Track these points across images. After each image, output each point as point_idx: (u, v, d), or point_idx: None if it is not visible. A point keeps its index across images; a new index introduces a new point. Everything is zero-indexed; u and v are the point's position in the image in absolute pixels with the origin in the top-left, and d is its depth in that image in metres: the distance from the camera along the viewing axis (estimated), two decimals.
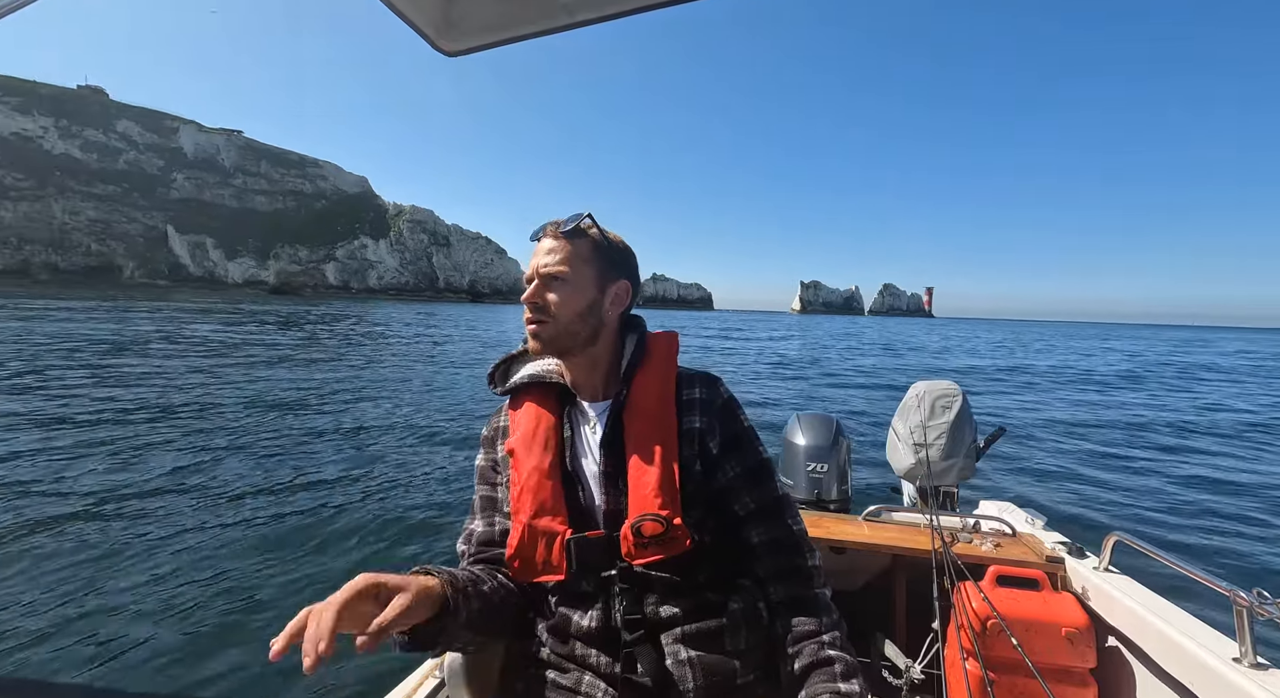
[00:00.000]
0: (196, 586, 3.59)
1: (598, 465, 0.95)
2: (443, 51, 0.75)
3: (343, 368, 14.70)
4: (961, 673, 1.45)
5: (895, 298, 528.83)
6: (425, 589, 0.76)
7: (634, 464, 0.92)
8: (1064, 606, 1.54)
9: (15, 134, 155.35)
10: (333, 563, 3.99)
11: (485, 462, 1.04)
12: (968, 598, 1.55)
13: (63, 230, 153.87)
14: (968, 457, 2.27)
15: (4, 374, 11.05)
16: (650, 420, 0.95)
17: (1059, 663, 1.47)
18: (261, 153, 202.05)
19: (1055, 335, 75.28)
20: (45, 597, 3.45)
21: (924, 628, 1.67)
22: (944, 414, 2.31)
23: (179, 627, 3.09)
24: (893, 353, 29.30)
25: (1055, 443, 8.85)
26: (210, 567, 3.86)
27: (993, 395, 13.78)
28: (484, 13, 0.70)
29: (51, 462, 5.85)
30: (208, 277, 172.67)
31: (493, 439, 1.05)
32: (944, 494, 2.34)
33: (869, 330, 69.78)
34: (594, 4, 0.65)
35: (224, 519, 4.61)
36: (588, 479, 0.96)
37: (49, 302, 48.46)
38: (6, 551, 3.94)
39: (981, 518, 2.02)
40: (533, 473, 0.94)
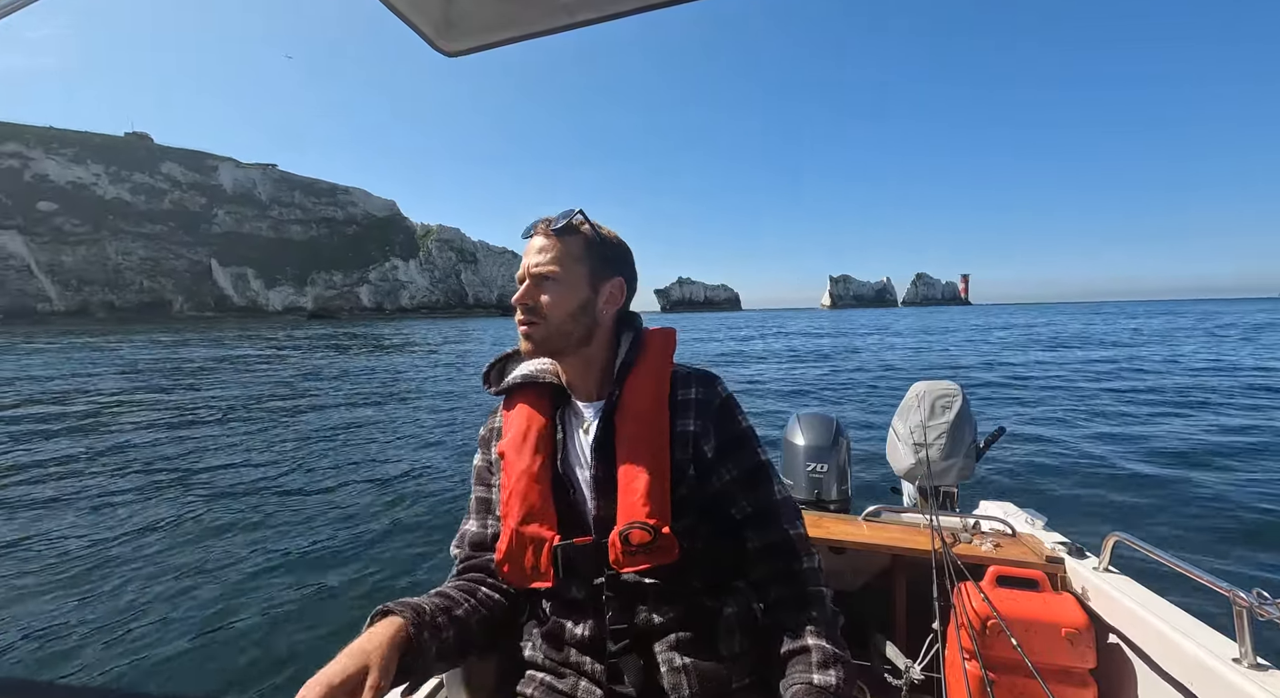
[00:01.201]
0: (219, 583, 3.76)
1: (589, 469, 0.93)
2: (442, 52, 0.75)
3: (375, 382, 15.18)
4: (961, 673, 1.45)
5: (929, 287, 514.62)
6: (390, 644, 0.74)
7: (624, 469, 0.90)
8: (1064, 606, 1.54)
9: (71, 182, 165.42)
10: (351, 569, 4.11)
11: (481, 462, 1.03)
12: (968, 598, 1.55)
13: (117, 270, 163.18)
14: (968, 457, 2.26)
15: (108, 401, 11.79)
16: (642, 422, 0.92)
17: (1059, 663, 1.46)
18: (295, 183, 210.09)
19: (1148, 315, 70.39)
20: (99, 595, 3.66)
21: (924, 628, 1.67)
22: (944, 414, 2.30)
23: (192, 628, 3.20)
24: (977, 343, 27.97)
25: (1055, 443, 8.69)
26: (228, 561, 4.05)
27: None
28: (484, 13, 0.70)
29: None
30: (250, 306, 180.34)
31: (488, 440, 1.04)
32: (944, 494, 2.33)
33: (902, 322, 68.20)
34: (594, 4, 0.65)
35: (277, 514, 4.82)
36: (579, 483, 0.94)
37: (120, 336, 51.38)
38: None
39: (981, 518, 2.02)
40: (521, 476, 0.92)
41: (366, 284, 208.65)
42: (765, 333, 46.29)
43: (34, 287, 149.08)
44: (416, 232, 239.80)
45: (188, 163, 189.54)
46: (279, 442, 8.97)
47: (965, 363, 19.69)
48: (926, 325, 56.42)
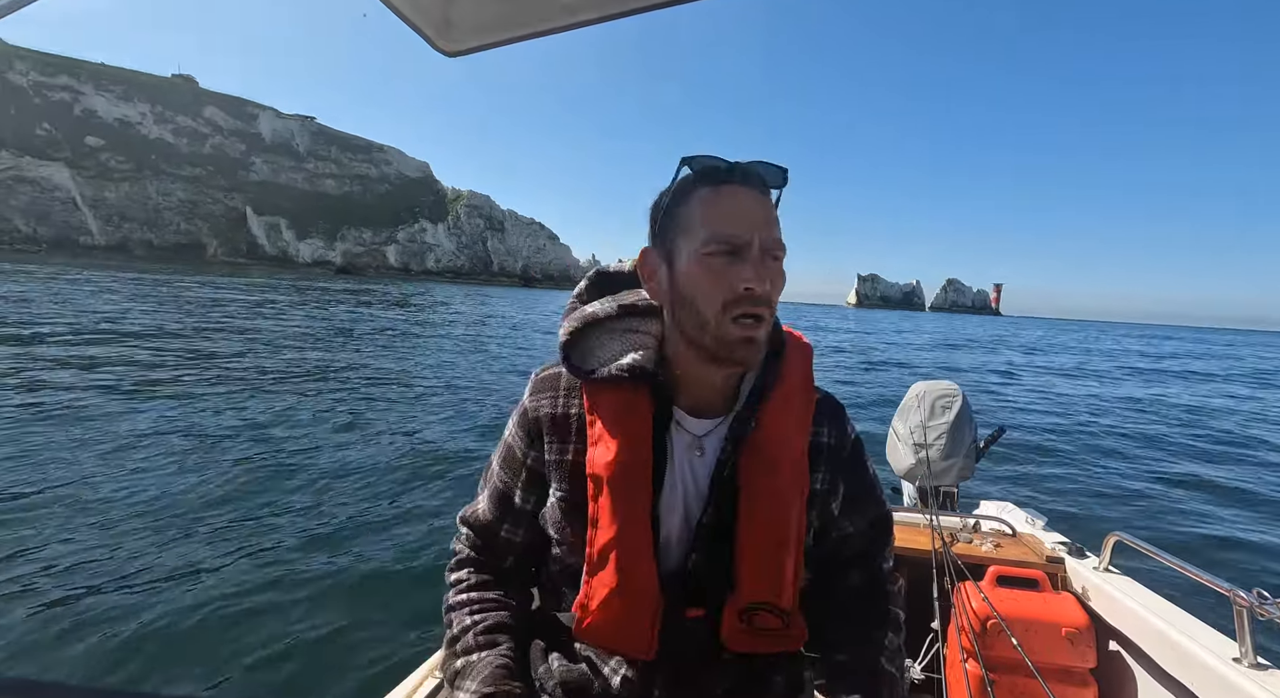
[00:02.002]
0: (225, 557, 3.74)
1: (696, 509, 0.74)
2: (442, 52, 0.74)
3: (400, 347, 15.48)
4: (961, 673, 1.44)
5: (959, 294, 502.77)
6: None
7: (752, 524, 0.73)
8: (1064, 606, 1.53)
9: (118, 120, 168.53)
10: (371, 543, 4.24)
11: (522, 448, 0.81)
12: (968, 598, 1.54)
13: (156, 210, 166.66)
14: (967, 457, 2.27)
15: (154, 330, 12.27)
16: (782, 466, 0.74)
17: (1059, 663, 1.45)
18: (332, 138, 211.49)
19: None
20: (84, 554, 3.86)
21: (924, 628, 1.65)
22: (944, 414, 2.30)
23: (194, 618, 3.11)
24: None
25: (1056, 442, 8.63)
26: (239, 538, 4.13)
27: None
28: (484, 13, 0.69)
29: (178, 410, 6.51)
30: (280, 256, 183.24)
31: (548, 425, 0.78)
32: (944, 494, 2.34)
33: (931, 327, 67.08)
34: (595, 4, 0.64)
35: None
36: (674, 523, 0.75)
37: (160, 276, 52.93)
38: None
39: (981, 518, 2.02)
40: (626, 520, 0.71)
41: (394, 244, 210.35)
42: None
43: (77, 219, 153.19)
44: (447, 195, 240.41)
45: (229, 108, 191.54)
46: (291, 398, 9.23)
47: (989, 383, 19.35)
48: (949, 334, 55.26)
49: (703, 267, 0.68)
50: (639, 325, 0.76)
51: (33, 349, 10.51)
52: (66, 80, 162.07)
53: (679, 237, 0.70)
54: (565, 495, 0.75)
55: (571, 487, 0.75)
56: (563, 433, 0.76)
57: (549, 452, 0.77)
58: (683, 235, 0.69)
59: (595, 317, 0.77)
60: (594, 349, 0.76)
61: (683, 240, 0.69)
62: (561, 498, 0.76)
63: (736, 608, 0.73)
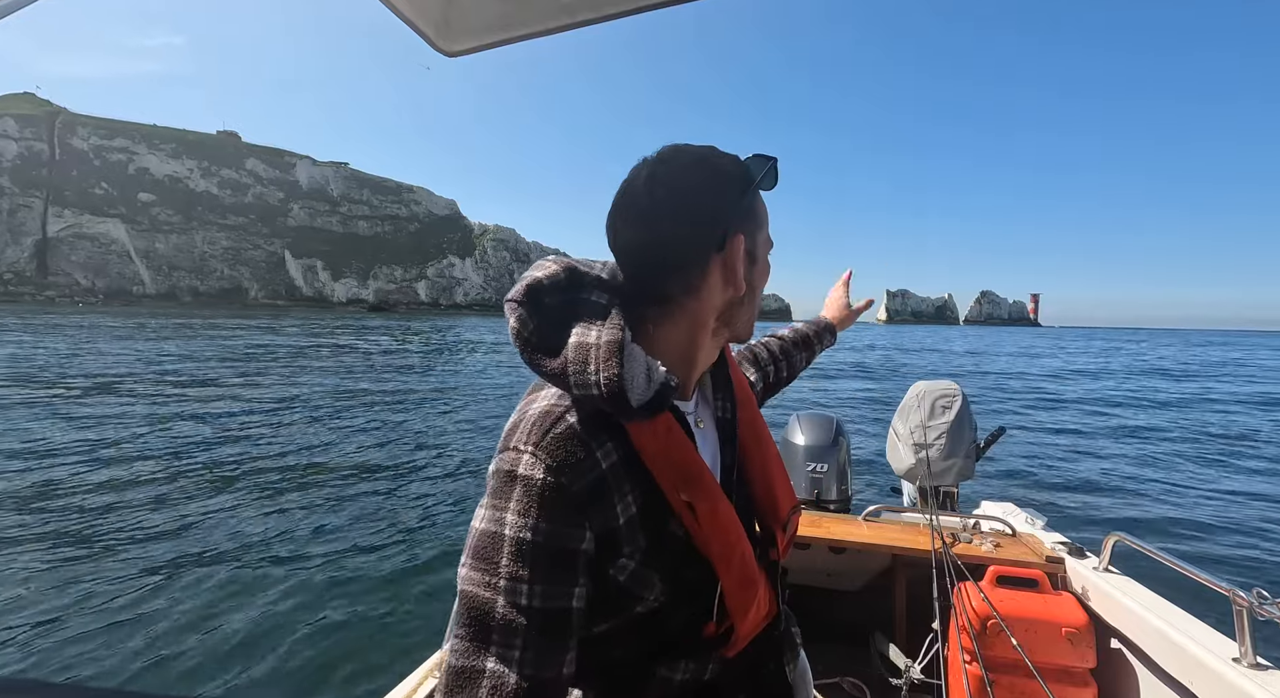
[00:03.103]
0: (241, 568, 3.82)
1: (724, 469, 0.77)
2: (442, 52, 0.74)
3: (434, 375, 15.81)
4: (961, 673, 1.44)
5: (995, 306, 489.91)
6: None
7: (758, 454, 0.80)
8: (1064, 606, 1.53)
9: (168, 176, 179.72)
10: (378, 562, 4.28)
11: (570, 533, 0.60)
12: (968, 598, 1.54)
13: (202, 258, 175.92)
14: (967, 457, 2.27)
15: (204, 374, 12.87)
16: (749, 398, 0.84)
17: (1059, 663, 1.45)
18: (364, 182, 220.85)
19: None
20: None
21: (924, 628, 1.66)
22: (944, 414, 2.30)
23: (203, 623, 3.15)
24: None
25: (1056, 443, 8.56)
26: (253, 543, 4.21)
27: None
28: (484, 13, 0.69)
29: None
30: (317, 296, 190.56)
31: (603, 488, 0.62)
32: (944, 494, 2.34)
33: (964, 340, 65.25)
34: (594, 4, 0.64)
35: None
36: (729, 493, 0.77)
37: (209, 321, 55.56)
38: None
39: (981, 518, 2.01)
40: (719, 514, 0.68)
41: (424, 280, 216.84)
42: None
43: (130, 271, 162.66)
44: (474, 231, 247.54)
45: (269, 159, 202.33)
46: (327, 423, 9.46)
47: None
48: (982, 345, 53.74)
49: (768, 264, 0.74)
50: (628, 336, 0.67)
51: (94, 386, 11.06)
52: (122, 142, 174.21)
53: (757, 232, 0.71)
54: (645, 549, 0.64)
55: (649, 536, 0.64)
56: (619, 485, 0.63)
57: (621, 514, 0.63)
58: (760, 231, 0.71)
59: (620, 344, 0.63)
60: (631, 379, 0.62)
61: (760, 236, 0.71)
62: (641, 556, 0.64)
63: (780, 524, 0.78)
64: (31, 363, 15.72)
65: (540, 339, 0.64)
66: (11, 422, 8.19)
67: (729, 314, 0.71)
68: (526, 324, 0.64)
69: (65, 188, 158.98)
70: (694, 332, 0.70)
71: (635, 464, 0.65)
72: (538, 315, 0.65)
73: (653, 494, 0.65)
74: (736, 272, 0.68)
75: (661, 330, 0.69)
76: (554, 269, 0.68)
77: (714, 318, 0.70)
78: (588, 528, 0.60)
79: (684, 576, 0.66)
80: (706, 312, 0.69)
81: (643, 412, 0.62)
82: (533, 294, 0.66)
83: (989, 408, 12.20)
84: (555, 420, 0.63)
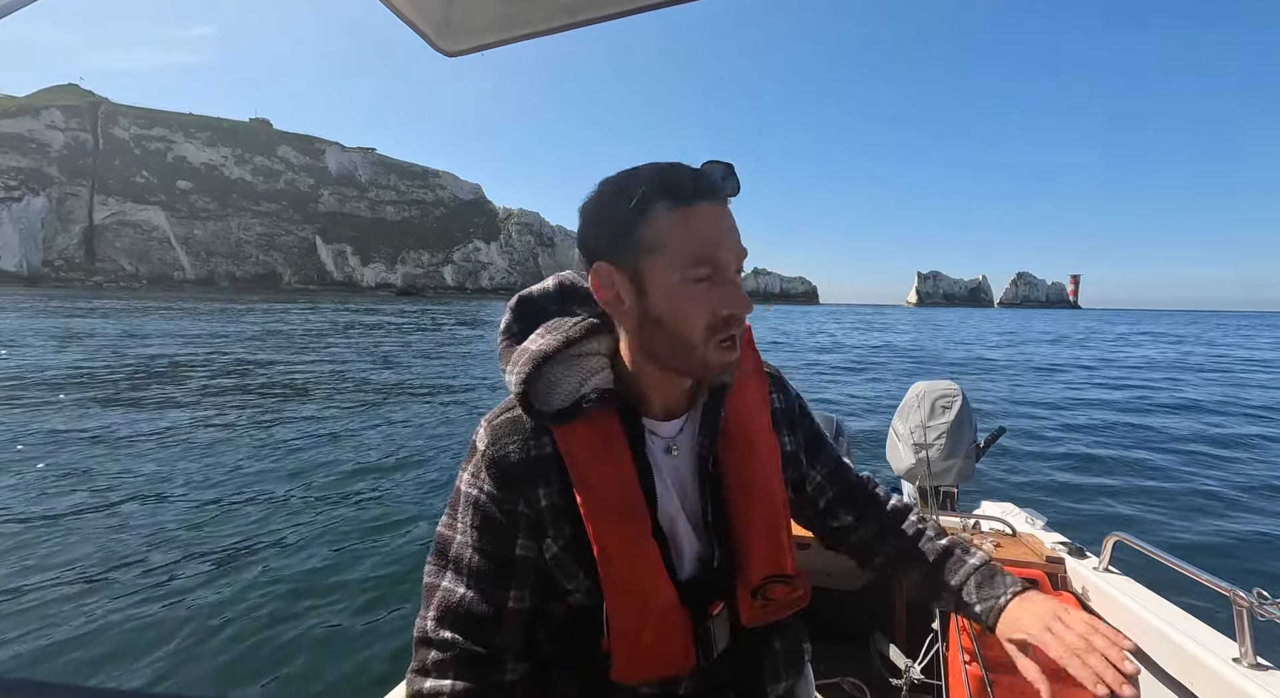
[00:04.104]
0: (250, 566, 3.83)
1: (690, 507, 0.74)
2: (442, 52, 0.73)
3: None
4: (961, 673, 1.46)
5: (1031, 288, 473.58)
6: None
7: (744, 505, 0.75)
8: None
9: (204, 164, 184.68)
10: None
11: (506, 496, 0.70)
12: None
13: (238, 244, 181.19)
14: (967, 457, 2.26)
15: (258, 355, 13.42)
16: (756, 443, 0.77)
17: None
18: (391, 167, 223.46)
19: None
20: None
21: (924, 628, 1.66)
22: (944, 414, 2.29)
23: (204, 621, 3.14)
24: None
25: (1056, 443, 8.57)
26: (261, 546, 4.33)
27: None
28: (484, 13, 0.69)
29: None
30: (347, 280, 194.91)
31: (526, 471, 0.70)
32: (944, 494, 2.33)
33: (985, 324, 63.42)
34: (595, 4, 0.64)
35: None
36: (677, 530, 0.74)
37: (245, 305, 57.42)
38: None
39: (982, 518, 2.02)
40: (628, 538, 0.68)
41: (450, 264, 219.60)
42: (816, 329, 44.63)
43: (171, 257, 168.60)
44: (499, 215, 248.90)
45: (300, 146, 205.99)
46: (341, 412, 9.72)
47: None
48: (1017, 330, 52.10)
49: (683, 293, 0.64)
50: (585, 348, 0.71)
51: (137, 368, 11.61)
52: (161, 131, 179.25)
53: (645, 258, 0.65)
54: (567, 540, 0.70)
55: (572, 529, 0.69)
56: (546, 476, 0.70)
57: (543, 498, 0.70)
58: (650, 257, 0.64)
59: (545, 355, 0.69)
60: (552, 388, 0.68)
61: (651, 263, 0.65)
62: (564, 544, 0.70)
63: (749, 588, 0.74)
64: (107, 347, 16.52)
65: (514, 341, 0.74)
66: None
67: (642, 345, 0.69)
68: (511, 327, 0.75)
69: (109, 176, 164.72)
70: (630, 358, 0.72)
71: (560, 465, 0.69)
72: (523, 320, 0.75)
73: (569, 497, 0.69)
74: (606, 303, 0.68)
75: (624, 349, 0.72)
76: (549, 284, 0.78)
77: (632, 345, 0.70)
78: (520, 497, 0.70)
79: (581, 586, 0.70)
80: (626, 340, 0.71)
81: (553, 417, 0.68)
82: (522, 303, 0.77)
83: (990, 408, 12.05)
84: (510, 407, 0.72)
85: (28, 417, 7.81)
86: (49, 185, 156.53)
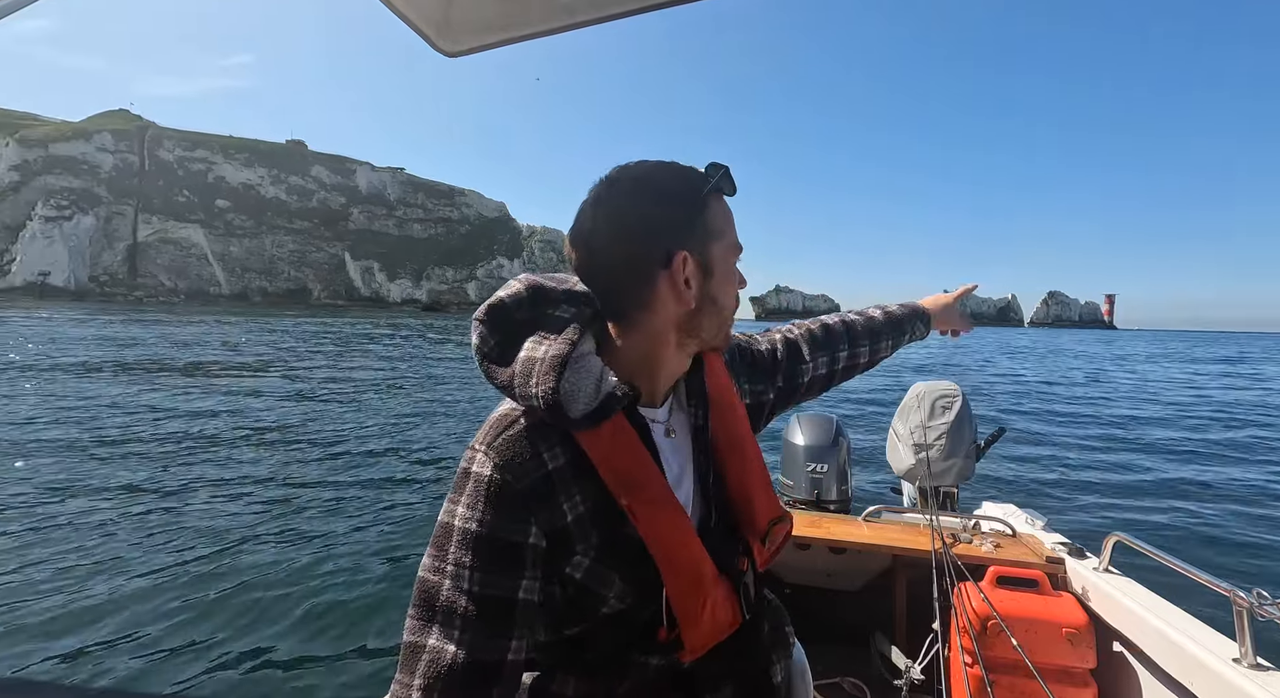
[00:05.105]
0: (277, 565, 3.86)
1: (689, 478, 0.77)
2: (443, 52, 0.74)
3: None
4: (961, 674, 1.44)
5: (1064, 307, 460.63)
6: None
7: (739, 464, 0.80)
8: (1064, 606, 1.53)
9: (242, 183, 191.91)
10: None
11: (516, 528, 0.65)
12: (968, 598, 1.54)
13: (271, 260, 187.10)
14: (967, 457, 2.27)
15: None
16: (731, 407, 0.83)
17: (1059, 664, 1.45)
18: (419, 185, 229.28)
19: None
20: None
21: (924, 628, 1.65)
22: (944, 415, 2.30)
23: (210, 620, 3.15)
24: None
25: (1056, 443, 8.53)
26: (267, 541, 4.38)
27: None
28: (484, 13, 0.69)
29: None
30: (373, 296, 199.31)
31: (549, 486, 0.67)
32: (944, 495, 2.34)
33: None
34: (594, 4, 0.65)
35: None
36: (693, 506, 0.77)
37: (277, 317, 59.27)
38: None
39: (982, 518, 2.02)
40: (672, 524, 0.70)
41: (474, 280, 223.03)
42: None
43: (208, 272, 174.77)
44: (522, 232, 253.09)
45: (332, 166, 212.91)
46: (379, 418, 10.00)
47: None
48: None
49: (730, 272, 0.74)
50: (582, 349, 0.70)
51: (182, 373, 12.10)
52: (203, 153, 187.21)
53: (712, 243, 0.71)
54: (599, 549, 0.68)
55: (601, 536, 0.68)
56: (567, 488, 0.67)
57: (568, 511, 0.67)
58: (715, 241, 0.71)
59: (563, 360, 0.67)
60: (573, 394, 0.66)
61: (715, 246, 0.71)
62: (595, 554, 0.68)
63: (758, 536, 0.78)
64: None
65: (499, 354, 0.69)
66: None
67: (690, 325, 0.72)
68: (487, 340, 0.70)
69: (153, 196, 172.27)
70: (653, 344, 0.72)
71: (585, 467, 0.67)
72: (499, 332, 0.70)
73: (603, 496, 0.68)
74: (681, 288, 0.69)
75: (626, 341, 0.72)
76: (517, 288, 0.73)
77: (672, 331, 0.72)
78: (533, 523, 0.65)
79: (641, 576, 0.68)
80: (662, 325, 0.72)
81: (585, 421, 0.65)
82: (494, 312, 0.71)
83: (992, 407, 11.94)
84: (509, 424, 0.68)
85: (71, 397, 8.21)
86: (97, 205, 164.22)
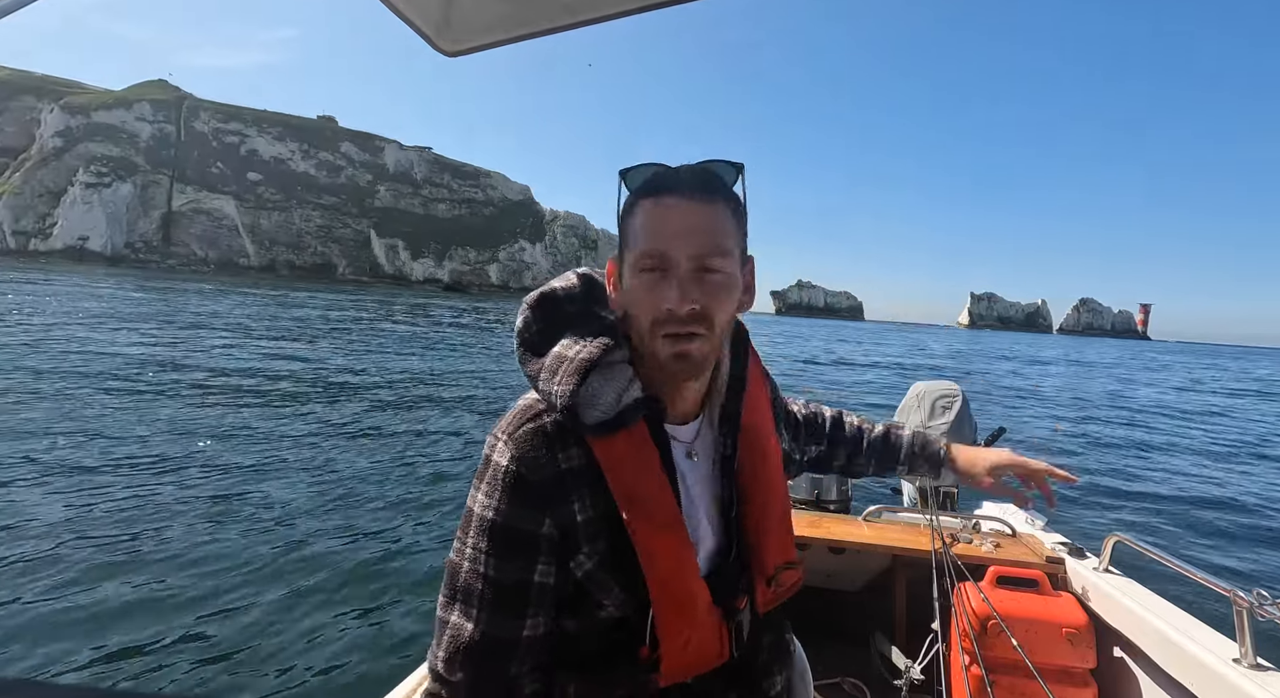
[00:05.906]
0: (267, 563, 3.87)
1: (708, 507, 0.75)
2: (442, 52, 0.74)
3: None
4: (961, 673, 1.44)
5: (1095, 315, 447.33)
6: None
7: (766, 506, 0.77)
8: (1064, 606, 1.53)
9: (273, 157, 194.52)
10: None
11: (531, 516, 0.67)
12: (967, 598, 1.55)
13: (299, 235, 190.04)
14: None
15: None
16: (767, 444, 0.80)
17: (1059, 663, 1.45)
18: (445, 166, 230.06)
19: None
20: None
21: (924, 628, 1.66)
22: (944, 414, 2.30)
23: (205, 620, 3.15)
24: None
25: (1056, 443, 8.45)
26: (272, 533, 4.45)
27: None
28: (484, 13, 0.69)
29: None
30: (397, 274, 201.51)
31: (559, 484, 0.67)
32: (944, 495, 2.34)
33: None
34: (595, 4, 0.64)
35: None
36: (698, 529, 0.75)
37: (304, 292, 60.42)
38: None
39: (982, 518, 2.02)
40: (671, 547, 0.68)
41: (496, 262, 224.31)
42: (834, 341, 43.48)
43: (238, 244, 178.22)
44: (545, 217, 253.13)
45: (361, 143, 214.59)
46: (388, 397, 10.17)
47: None
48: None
49: (637, 283, 0.67)
50: (614, 356, 0.69)
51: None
52: (236, 125, 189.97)
53: (626, 250, 0.69)
54: (603, 555, 0.69)
55: (607, 543, 0.68)
56: (579, 490, 0.68)
57: (578, 512, 0.68)
58: (628, 249, 0.69)
59: (591, 364, 0.66)
60: (593, 399, 0.66)
61: (628, 255, 0.69)
62: (599, 559, 0.69)
63: (765, 578, 0.76)
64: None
65: (538, 343, 0.70)
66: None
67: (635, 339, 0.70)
68: (530, 326, 0.71)
69: (188, 166, 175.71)
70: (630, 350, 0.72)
71: (596, 473, 0.67)
72: (543, 321, 0.71)
73: (610, 505, 0.67)
74: (611, 291, 0.71)
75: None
76: (572, 281, 0.73)
77: (640, 343, 0.70)
78: (547, 515, 0.67)
79: (635, 591, 0.68)
80: (637, 338, 0.70)
81: (600, 429, 0.65)
82: (544, 301, 0.72)
83: (992, 407, 11.83)
84: (532, 416, 0.69)
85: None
86: (135, 173, 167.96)
